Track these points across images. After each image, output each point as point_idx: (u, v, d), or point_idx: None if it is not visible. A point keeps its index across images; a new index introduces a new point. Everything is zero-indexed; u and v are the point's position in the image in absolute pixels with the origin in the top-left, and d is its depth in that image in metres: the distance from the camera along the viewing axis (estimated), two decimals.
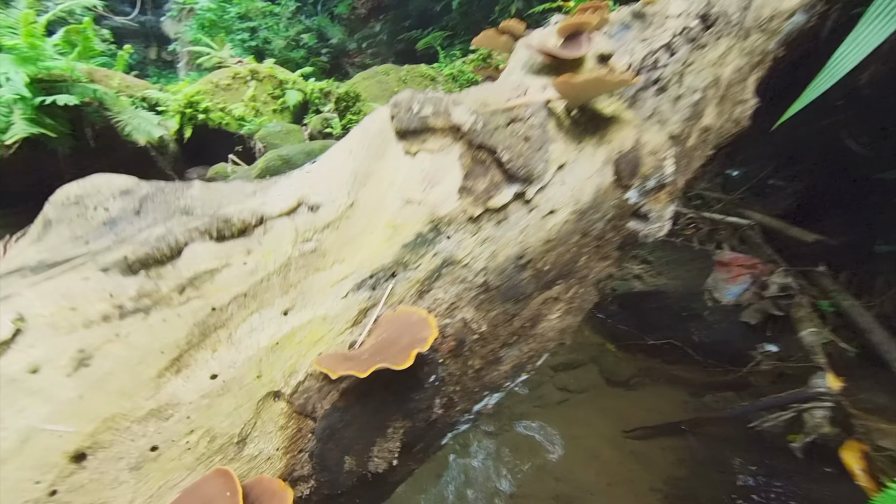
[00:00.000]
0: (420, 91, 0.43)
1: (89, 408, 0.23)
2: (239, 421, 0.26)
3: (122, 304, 0.26)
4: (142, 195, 0.36)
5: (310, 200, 0.35)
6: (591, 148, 0.50)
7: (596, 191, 0.49)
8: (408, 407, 0.31)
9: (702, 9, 0.89)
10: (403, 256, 0.35)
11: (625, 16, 0.83)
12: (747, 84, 0.91)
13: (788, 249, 1.74)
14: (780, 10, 0.98)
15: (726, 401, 1.29)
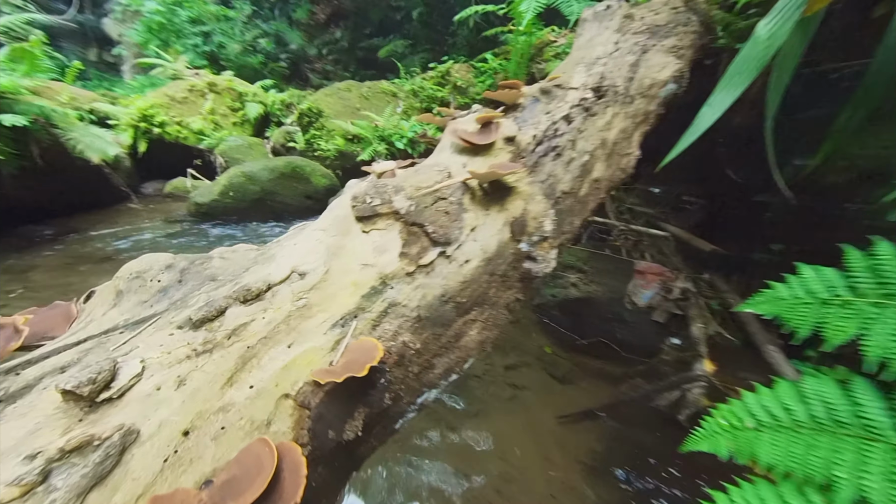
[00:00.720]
0: (372, 185, 0.63)
1: (188, 408, 0.41)
2: (267, 412, 0.44)
3: (196, 348, 0.43)
4: (181, 268, 0.53)
5: (299, 269, 0.53)
6: (495, 213, 0.72)
7: (498, 244, 0.71)
8: (366, 399, 0.50)
9: (596, 82, 1.15)
10: (362, 304, 0.55)
11: (535, 91, 1.08)
12: (632, 140, 1.17)
13: (697, 258, 2.08)
14: (657, 80, 1.26)
15: (639, 387, 1.57)
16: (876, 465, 0.50)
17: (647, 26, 1.41)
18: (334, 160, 4.22)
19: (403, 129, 4.39)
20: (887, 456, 0.50)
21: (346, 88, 4.65)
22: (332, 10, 16.17)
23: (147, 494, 0.34)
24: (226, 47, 11.01)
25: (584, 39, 1.53)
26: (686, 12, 1.64)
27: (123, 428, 0.37)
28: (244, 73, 11.26)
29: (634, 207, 2.52)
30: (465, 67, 5.12)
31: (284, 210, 3.95)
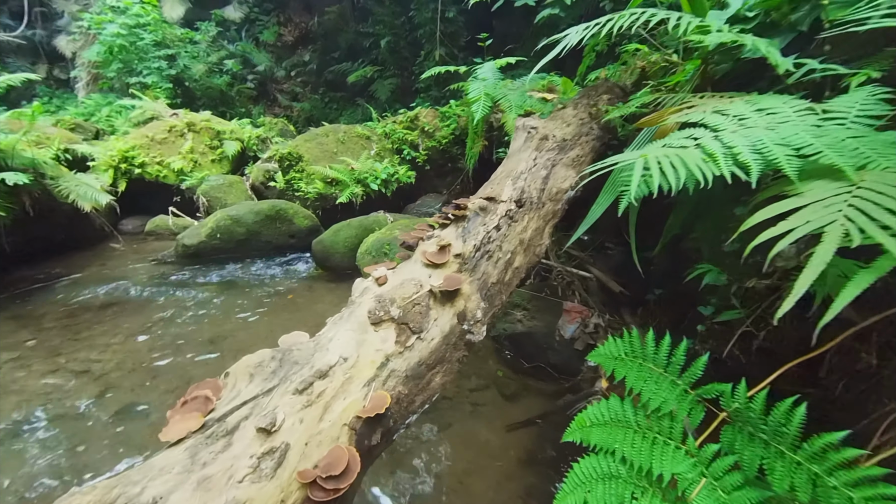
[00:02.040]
0: (377, 303, 1.13)
1: (305, 433, 0.87)
2: (337, 433, 0.90)
3: (303, 403, 0.89)
4: (279, 358, 1.00)
5: (343, 356, 1.01)
6: (448, 308, 1.23)
7: (450, 327, 1.21)
8: (381, 423, 0.98)
9: (518, 195, 1.71)
10: (377, 373, 1.03)
11: (476, 208, 1.61)
12: (544, 234, 1.73)
13: (613, 296, 2.69)
14: (561, 189, 1.83)
15: (566, 400, 2.12)
16: (637, 444, 1.03)
17: (557, 143, 2.00)
18: (314, 201, 4.64)
19: (377, 170, 4.89)
20: (640, 439, 1.04)
21: (324, 134, 5.10)
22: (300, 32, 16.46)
23: (293, 473, 0.81)
24: (191, 69, 11.09)
25: (514, 147, 2.10)
26: (590, 122, 2.26)
27: (284, 443, 0.83)
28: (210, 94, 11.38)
29: (570, 251, 3.13)
30: (431, 112, 5.71)
31: (268, 249, 4.31)
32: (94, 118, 8.76)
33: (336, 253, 3.73)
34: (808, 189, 0.86)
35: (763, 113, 1.08)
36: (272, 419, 0.83)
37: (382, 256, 3.02)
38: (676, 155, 0.99)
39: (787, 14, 1.49)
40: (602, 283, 2.69)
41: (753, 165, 0.91)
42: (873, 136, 0.93)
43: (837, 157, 0.86)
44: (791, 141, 0.93)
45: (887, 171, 0.82)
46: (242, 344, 2.73)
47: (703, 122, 1.10)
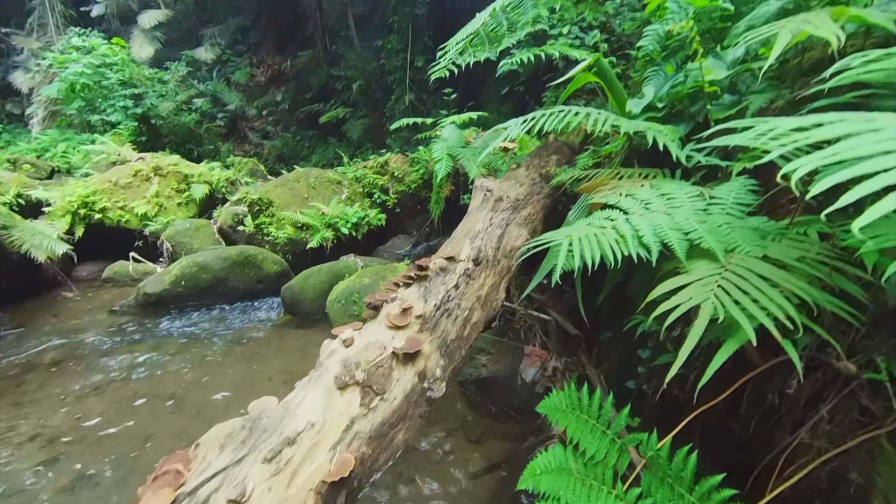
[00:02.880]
0: (343, 367, 1.23)
1: (274, 500, 0.94)
2: (304, 498, 0.98)
3: (271, 472, 0.96)
4: (249, 426, 1.07)
5: (311, 421, 1.09)
6: (410, 368, 1.35)
7: (412, 386, 1.33)
8: (346, 484, 1.05)
9: (475, 255, 1.88)
10: (342, 436, 1.12)
11: (437, 268, 1.77)
12: (500, 289, 1.90)
13: (570, 337, 2.88)
14: (515, 246, 2.03)
15: (530, 443, 2.22)
16: (577, 490, 1.16)
17: (510, 203, 2.23)
18: (284, 246, 4.68)
19: (348, 214, 5.02)
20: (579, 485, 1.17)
21: (295, 179, 5.22)
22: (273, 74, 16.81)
23: None
24: (158, 107, 11.03)
25: (473, 205, 2.31)
26: (540, 182, 2.53)
27: None
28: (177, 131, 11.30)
29: (531, 294, 3.34)
30: (401, 158, 5.99)
31: (235, 295, 4.27)
32: (47, 154, 8.48)
33: (305, 299, 3.76)
34: (693, 267, 1.07)
35: (664, 198, 1.32)
36: (242, 490, 0.90)
37: (351, 305, 3.10)
38: (595, 235, 1.20)
39: (688, 106, 1.81)
40: (560, 325, 2.88)
41: (653, 247, 1.13)
42: (743, 222, 1.18)
43: (714, 242, 1.08)
44: (682, 226, 1.16)
45: (748, 256, 1.04)
46: (206, 399, 2.68)
47: (618, 205, 1.32)
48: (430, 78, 2.66)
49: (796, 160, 0.57)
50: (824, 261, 1.01)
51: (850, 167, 0.49)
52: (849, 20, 1.10)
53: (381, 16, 10.71)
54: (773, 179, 1.35)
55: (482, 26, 2.46)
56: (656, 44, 2.18)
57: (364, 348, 1.34)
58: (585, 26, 4.84)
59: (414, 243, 5.66)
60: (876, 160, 0.50)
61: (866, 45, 1.47)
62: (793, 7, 1.61)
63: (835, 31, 1.01)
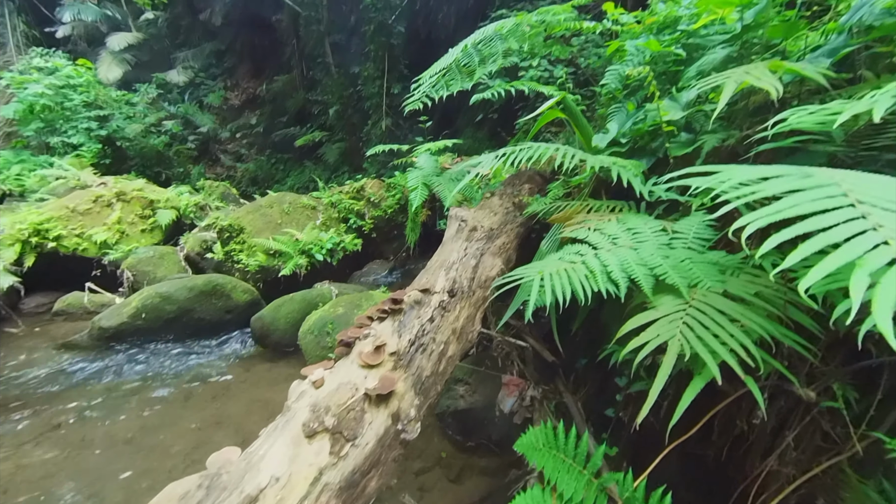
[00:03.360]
0: (313, 413, 1.17)
1: None
2: None
3: None
4: (206, 484, 0.99)
5: (275, 475, 1.03)
6: (383, 410, 1.30)
7: (385, 429, 1.28)
8: None
9: (450, 286, 1.87)
10: (309, 490, 1.05)
11: (412, 301, 1.74)
12: (475, 320, 1.89)
13: (547, 364, 2.88)
14: (489, 276, 2.03)
15: (511, 477, 2.17)
16: None
17: (485, 233, 2.25)
18: (255, 273, 4.53)
19: (322, 240, 4.94)
20: None
21: (268, 205, 5.12)
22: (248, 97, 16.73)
23: None
24: (125, 129, 10.70)
25: (448, 235, 2.32)
26: (514, 211, 2.57)
27: None
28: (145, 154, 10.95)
29: (508, 320, 3.34)
30: (377, 183, 6.00)
31: (202, 327, 4.06)
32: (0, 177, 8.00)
33: (277, 330, 3.62)
34: (659, 303, 1.10)
35: (630, 232, 1.37)
36: None
37: (325, 336, 3.00)
38: (565, 271, 1.22)
39: (649, 142, 1.91)
40: (537, 351, 2.89)
41: (621, 283, 1.15)
42: (703, 256, 1.23)
43: (677, 278, 1.12)
44: (648, 261, 1.20)
45: (709, 291, 1.08)
46: (165, 445, 2.49)
47: (587, 240, 1.36)
48: (414, 105, 2.70)
49: (745, 217, 0.60)
50: (779, 295, 1.06)
51: (792, 227, 0.53)
52: (785, 72, 1.20)
53: (357, 44, 10.95)
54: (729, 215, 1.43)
55: (454, 62, 2.55)
56: (618, 83, 2.32)
57: (335, 390, 1.29)
58: (554, 60, 5.10)
59: (391, 269, 5.61)
60: (815, 219, 0.54)
61: (802, 92, 1.61)
62: (736, 56, 1.76)
63: (773, 83, 1.10)
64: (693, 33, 2.02)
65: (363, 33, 10.22)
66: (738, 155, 1.71)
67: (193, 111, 13.75)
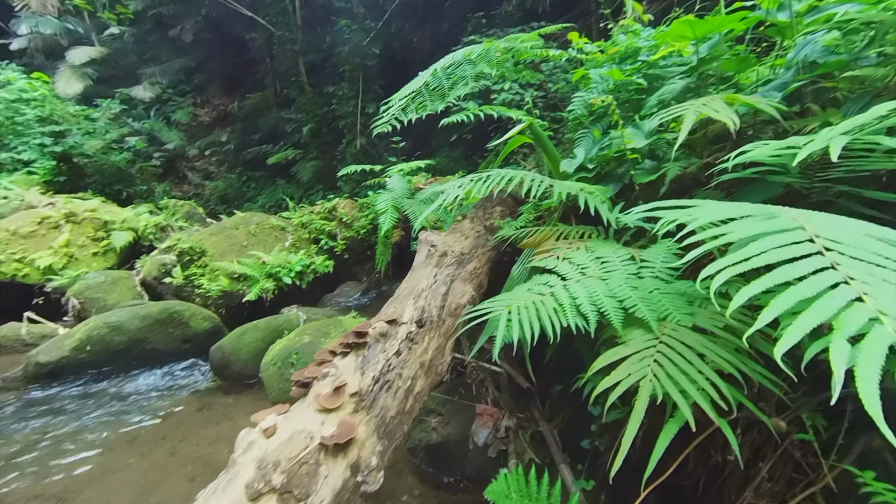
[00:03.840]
0: (259, 472, 1.05)
1: None
2: None
3: None
4: None
5: None
6: (341, 460, 1.18)
7: (343, 481, 1.16)
8: None
9: (419, 315, 1.78)
10: None
11: (377, 334, 1.64)
12: (445, 352, 1.81)
13: (522, 390, 2.81)
14: (460, 304, 1.96)
15: None
16: None
17: (455, 258, 2.19)
18: (217, 299, 4.28)
19: (291, 263, 4.76)
20: None
21: (234, 226, 4.91)
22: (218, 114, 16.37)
23: None
24: (83, 145, 10.19)
25: (418, 260, 2.25)
26: (485, 234, 2.54)
27: None
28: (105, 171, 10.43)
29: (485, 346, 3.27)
30: (349, 203, 5.89)
31: (156, 358, 3.77)
32: None
33: (238, 360, 3.39)
34: (629, 338, 1.06)
35: (598, 261, 1.34)
36: None
37: (289, 368, 2.83)
38: (534, 304, 1.17)
39: (615, 168, 1.93)
40: (511, 377, 2.81)
41: (591, 317, 1.11)
42: (672, 287, 1.20)
43: (647, 311, 1.08)
44: (617, 293, 1.16)
45: (679, 325, 1.05)
46: (102, 500, 2.22)
47: (556, 270, 1.32)
48: (383, 128, 2.66)
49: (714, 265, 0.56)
50: (745, 326, 1.04)
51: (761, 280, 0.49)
52: (741, 105, 1.22)
53: (332, 64, 10.98)
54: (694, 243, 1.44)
55: (424, 86, 2.54)
56: (584, 109, 2.36)
57: (287, 440, 1.16)
58: (524, 84, 5.24)
59: (363, 290, 5.45)
60: (784, 269, 0.50)
61: (756, 122, 1.67)
62: (694, 86, 1.81)
63: (731, 116, 1.11)
64: (653, 64, 2.08)
65: (338, 54, 10.27)
66: (700, 182, 1.74)
67: (160, 127, 13.32)
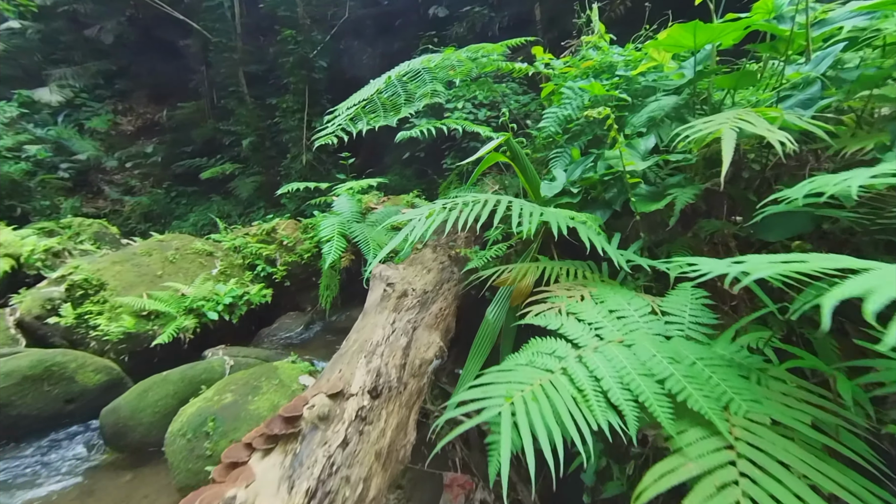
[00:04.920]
0: None
1: None
2: None
3: None
4: None
5: None
6: None
7: None
8: None
9: (373, 381, 1.35)
10: None
11: (315, 417, 1.19)
12: (409, 427, 1.39)
13: None
14: (426, 359, 1.56)
15: None
16: None
17: (417, 299, 1.80)
18: (119, 343, 3.47)
19: (219, 294, 4.06)
20: None
21: (146, 252, 4.12)
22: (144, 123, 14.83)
23: None
24: None
25: (371, 301, 1.82)
26: (451, 266, 2.17)
27: None
28: None
29: (444, 387, 2.86)
30: (291, 224, 5.29)
31: (25, 426, 2.91)
32: None
33: (140, 425, 2.68)
34: (685, 443, 0.73)
35: (613, 317, 1.02)
36: None
37: (203, 440, 2.21)
38: (543, 389, 0.81)
39: (602, 192, 1.67)
40: (484, 432, 2.43)
41: (626, 409, 0.77)
42: (713, 353, 0.91)
43: (702, 399, 0.76)
44: (653, 369, 0.83)
45: (751, 421, 0.74)
46: None
47: (562, 333, 0.97)
48: (327, 139, 2.24)
49: None
50: (826, 409, 0.75)
51: None
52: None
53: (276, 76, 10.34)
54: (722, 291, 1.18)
55: (376, 93, 2.17)
56: (557, 126, 2.12)
57: None
58: (478, 103, 5.09)
59: (307, 323, 4.82)
60: None
61: (753, 145, 1.50)
62: (683, 104, 1.62)
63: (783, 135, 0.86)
64: (632, 79, 1.89)
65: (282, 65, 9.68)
66: (700, 211, 1.53)
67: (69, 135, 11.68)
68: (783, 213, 1.12)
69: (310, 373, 2.78)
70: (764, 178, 1.35)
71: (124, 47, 12.72)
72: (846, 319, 1.14)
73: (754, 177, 1.39)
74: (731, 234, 1.26)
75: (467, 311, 2.20)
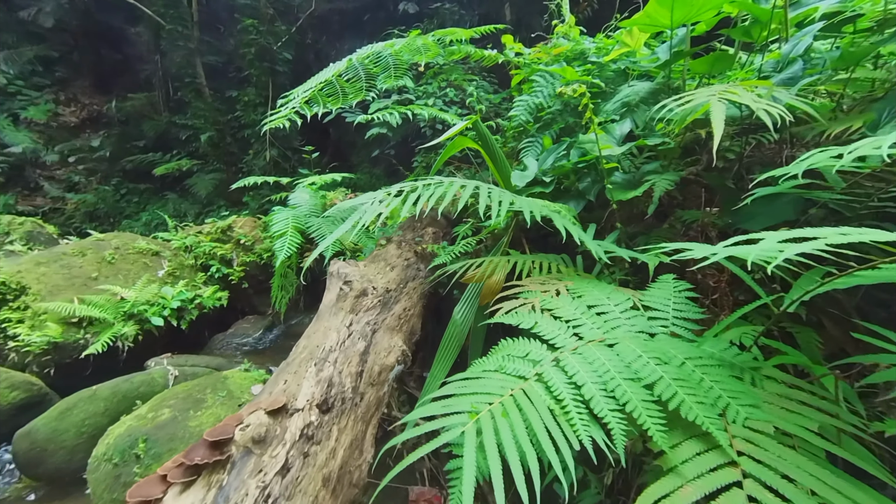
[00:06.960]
0: None
1: None
2: None
3: None
4: None
5: None
6: None
7: None
8: None
9: (323, 393, 1.17)
10: None
11: (248, 440, 1.00)
12: (365, 444, 1.22)
13: None
14: (386, 365, 1.39)
15: None
16: None
17: (378, 298, 1.63)
18: (42, 355, 3.06)
19: (166, 298, 3.70)
20: None
21: (78, 252, 3.69)
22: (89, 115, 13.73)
23: None
24: None
25: (326, 302, 1.64)
26: (416, 263, 2.02)
27: None
28: None
29: (413, 392, 2.70)
30: (250, 222, 4.95)
31: None
32: None
33: (60, 448, 2.34)
34: (679, 459, 0.61)
35: (592, 313, 0.90)
36: None
37: (131, 464, 1.93)
38: (515, 401, 0.67)
39: (576, 182, 1.57)
40: None
41: (612, 422, 0.64)
42: (703, 352, 0.80)
43: (696, 406, 0.65)
44: (640, 373, 0.72)
45: (749, 428, 0.63)
46: None
47: (537, 332, 0.84)
48: (293, 133, 2.02)
49: None
50: (829, 413, 0.66)
51: None
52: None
53: (236, 68, 9.80)
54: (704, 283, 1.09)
55: (335, 75, 1.99)
56: (528, 115, 2.01)
57: None
58: (448, 101, 4.98)
59: (267, 327, 4.51)
60: None
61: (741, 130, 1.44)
62: (659, 88, 1.55)
63: (773, 108, 0.77)
64: (604, 66, 1.82)
65: (243, 56, 9.18)
66: (675, 199, 1.46)
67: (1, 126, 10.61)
68: (766, 202, 1.05)
69: (264, 381, 2.54)
70: (741, 165, 1.29)
71: (65, 32, 11.70)
72: (824, 315, 1.09)
73: (730, 165, 1.34)
74: (710, 223, 1.19)
75: (436, 311, 2.05)
